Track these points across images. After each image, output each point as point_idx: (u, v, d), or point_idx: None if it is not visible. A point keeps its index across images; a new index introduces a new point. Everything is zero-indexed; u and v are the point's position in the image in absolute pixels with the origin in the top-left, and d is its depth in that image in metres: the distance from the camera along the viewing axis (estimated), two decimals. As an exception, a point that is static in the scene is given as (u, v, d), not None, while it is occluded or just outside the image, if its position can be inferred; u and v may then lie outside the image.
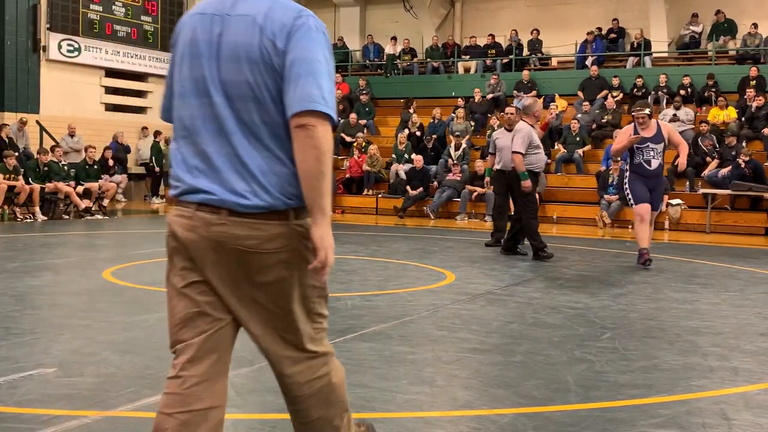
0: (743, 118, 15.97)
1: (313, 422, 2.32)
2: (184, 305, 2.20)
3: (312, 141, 2.04)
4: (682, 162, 8.74)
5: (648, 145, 8.32)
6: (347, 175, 17.22)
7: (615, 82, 18.10)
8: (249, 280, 2.17)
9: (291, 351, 2.25)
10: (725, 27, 18.90)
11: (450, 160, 16.26)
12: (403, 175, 16.40)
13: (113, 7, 18.92)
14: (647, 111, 8.39)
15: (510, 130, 10.20)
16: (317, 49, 2.10)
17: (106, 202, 14.95)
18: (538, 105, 9.47)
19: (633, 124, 8.53)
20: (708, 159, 14.84)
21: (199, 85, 2.17)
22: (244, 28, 2.12)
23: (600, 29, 20.12)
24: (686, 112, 16.36)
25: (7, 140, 15.12)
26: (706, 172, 14.50)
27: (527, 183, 9.01)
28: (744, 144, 15.25)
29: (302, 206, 2.15)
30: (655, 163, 8.35)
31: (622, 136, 8.55)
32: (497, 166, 10.26)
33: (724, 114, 16.09)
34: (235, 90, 2.13)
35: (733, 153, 14.48)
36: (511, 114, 10.23)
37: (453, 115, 18.02)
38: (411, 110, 18.88)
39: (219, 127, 2.14)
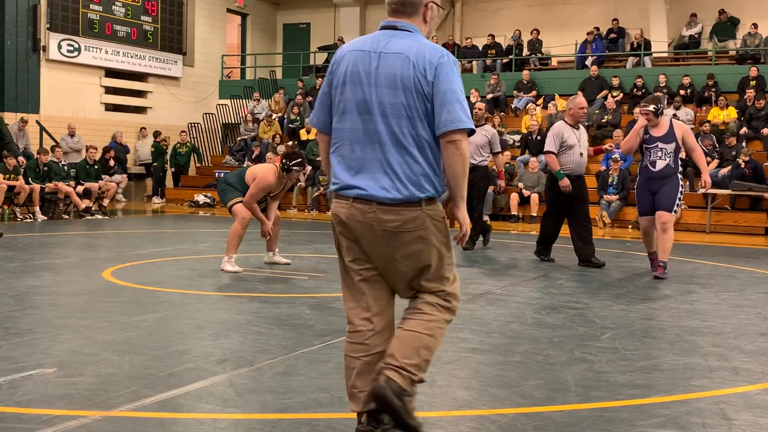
0: (743, 118, 15.97)
1: (414, 334, 2.81)
2: (352, 276, 2.89)
3: (459, 152, 2.74)
4: (707, 180, 7.80)
5: (657, 145, 7.58)
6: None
7: (615, 82, 18.09)
8: (394, 253, 2.80)
9: (431, 282, 2.86)
10: (728, 26, 18.91)
11: (450, 160, 16.21)
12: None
13: (113, 7, 18.92)
14: (652, 107, 7.58)
15: (477, 126, 10.12)
16: (456, 79, 2.77)
17: (106, 202, 14.95)
18: (575, 102, 8.45)
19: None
20: (708, 159, 14.84)
21: (360, 106, 2.80)
22: (400, 63, 2.77)
23: (599, 29, 20.12)
24: (686, 112, 16.35)
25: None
26: (706, 172, 14.48)
27: (564, 182, 8.18)
28: (744, 144, 15.26)
29: (432, 197, 2.80)
30: (660, 164, 7.56)
31: (631, 133, 7.87)
32: None
33: (724, 114, 16.09)
34: (391, 110, 2.76)
35: (733, 153, 14.48)
36: (479, 110, 10.13)
37: (453, 115, 17.98)
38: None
39: (375, 138, 2.78)
